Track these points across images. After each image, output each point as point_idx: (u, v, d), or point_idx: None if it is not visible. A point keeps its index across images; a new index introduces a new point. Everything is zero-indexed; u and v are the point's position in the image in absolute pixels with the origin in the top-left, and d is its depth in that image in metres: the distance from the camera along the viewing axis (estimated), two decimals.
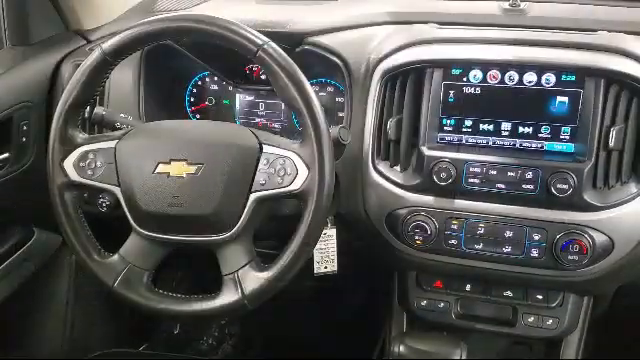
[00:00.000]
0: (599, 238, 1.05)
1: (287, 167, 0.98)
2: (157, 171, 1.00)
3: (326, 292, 1.52)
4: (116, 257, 1.04)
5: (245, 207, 0.99)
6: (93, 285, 1.15)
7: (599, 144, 1.04)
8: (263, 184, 0.99)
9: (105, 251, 1.05)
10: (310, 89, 0.96)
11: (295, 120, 1.36)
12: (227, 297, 0.99)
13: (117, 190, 1.03)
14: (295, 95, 0.96)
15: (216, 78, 1.41)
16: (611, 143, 1.03)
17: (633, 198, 1.03)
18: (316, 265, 1.17)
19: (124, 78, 1.31)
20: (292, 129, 1.36)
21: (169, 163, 1.00)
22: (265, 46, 0.97)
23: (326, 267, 1.18)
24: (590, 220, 1.05)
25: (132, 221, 1.03)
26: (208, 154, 1.00)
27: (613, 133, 1.03)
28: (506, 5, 1.23)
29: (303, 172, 0.97)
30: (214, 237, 1.00)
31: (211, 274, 1.02)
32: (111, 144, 1.04)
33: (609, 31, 1.10)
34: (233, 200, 0.99)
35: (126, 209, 1.03)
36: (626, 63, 1.03)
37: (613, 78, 1.03)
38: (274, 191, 0.98)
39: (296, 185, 0.97)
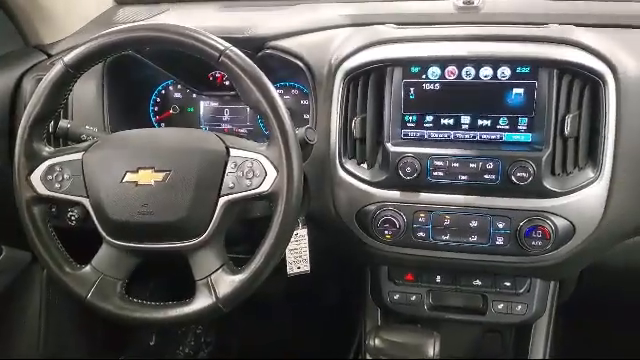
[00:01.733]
0: (560, 223, 1.08)
1: (255, 169, 0.99)
2: (125, 180, 1.00)
3: (301, 292, 1.54)
4: (88, 268, 1.03)
5: (215, 211, 1.00)
6: (66, 299, 1.14)
7: (555, 132, 1.08)
8: (232, 187, 1.00)
9: (77, 263, 1.05)
10: (274, 91, 0.98)
11: (261, 124, 1.37)
12: (201, 302, 0.99)
13: (86, 201, 1.03)
14: (259, 98, 0.97)
15: (180, 86, 1.42)
16: (566, 131, 1.07)
17: (590, 183, 1.07)
18: (289, 266, 1.19)
19: (87, 90, 1.30)
20: (258, 133, 1.38)
21: (137, 172, 1.01)
22: (227, 51, 0.98)
23: (299, 267, 1.19)
24: (551, 206, 1.08)
25: (102, 231, 1.03)
26: (175, 161, 1.01)
27: (568, 121, 1.07)
28: (460, 3, 1.27)
29: (271, 173, 0.98)
30: (185, 243, 1.01)
31: (185, 280, 1.03)
32: (77, 156, 1.04)
33: (559, 24, 1.14)
34: (202, 205, 1.00)
35: (96, 220, 1.03)
36: (576, 53, 1.07)
37: (565, 68, 1.07)
38: (243, 194, 1.00)
39: (265, 187, 0.98)
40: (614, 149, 1.06)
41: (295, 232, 1.16)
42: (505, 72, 1.09)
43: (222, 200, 1.00)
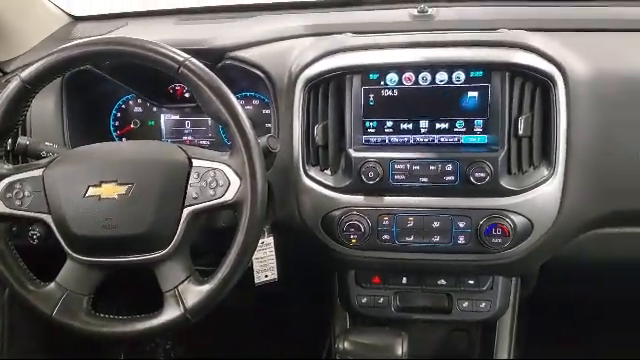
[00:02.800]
0: (519, 220, 1.12)
1: (218, 179, 1.00)
2: (88, 195, 1.00)
3: (269, 301, 1.54)
4: (53, 285, 1.02)
5: (180, 222, 1.00)
6: (29, 319, 1.12)
7: (509, 133, 1.12)
8: (196, 198, 1.00)
9: (41, 281, 1.04)
10: (234, 100, 0.99)
11: (223, 135, 1.38)
12: (169, 313, 0.99)
13: (48, 218, 1.02)
14: (220, 107, 0.98)
15: (140, 100, 1.41)
16: (520, 131, 1.11)
17: (545, 180, 1.11)
18: (256, 275, 1.19)
19: (46, 106, 1.29)
20: (220, 144, 1.38)
21: (99, 186, 1.00)
22: (186, 62, 0.99)
23: (267, 275, 1.20)
24: (509, 204, 1.12)
25: (66, 247, 1.02)
26: (137, 173, 1.01)
27: (521, 122, 1.11)
28: (415, 12, 1.30)
29: (235, 182, 0.99)
30: (151, 255, 1.01)
31: (152, 293, 1.03)
32: (38, 172, 1.03)
33: (509, 29, 1.19)
34: (167, 217, 1.00)
35: (59, 236, 1.02)
36: (527, 56, 1.11)
37: (517, 71, 1.11)
38: (208, 203, 1.00)
39: (229, 196, 0.99)
40: (566, 148, 1.10)
41: (261, 240, 1.17)
42: (460, 76, 1.13)
43: (186, 211, 1.00)
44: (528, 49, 1.12)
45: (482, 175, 1.10)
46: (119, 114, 1.42)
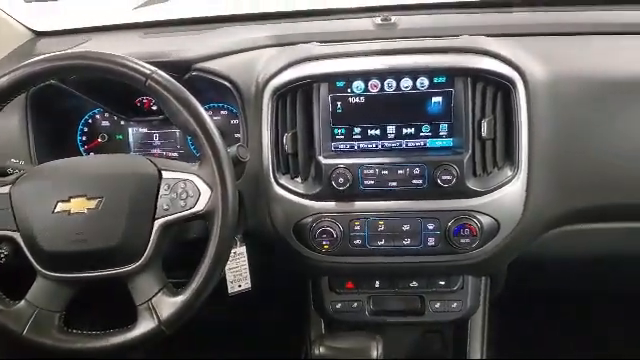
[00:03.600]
0: (485, 220, 1.15)
1: (189, 189, 1.00)
2: (57, 210, 0.99)
3: (244, 309, 1.54)
4: (23, 303, 1.01)
5: (151, 235, 1.00)
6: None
7: (473, 136, 1.15)
8: (166, 209, 1.00)
9: (10, 300, 1.02)
10: (202, 110, 1.00)
11: (192, 146, 1.38)
12: (144, 326, 0.99)
13: (16, 235, 1.01)
14: (188, 118, 0.99)
15: (107, 114, 1.41)
16: (484, 134, 1.14)
17: (509, 181, 1.14)
18: (230, 285, 1.19)
19: (11, 123, 1.27)
20: (190, 156, 1.38)
21: (68, 200, 0.99)
22: (153, 75, 0.99)
23: (240, 285, 1.20)
24: (475, 205, 1.15)
25: (36, 264, 1.01)
26: (107, 187, 1.01)
27: (484, 125, 1.14)
28: (378, 20, 1.33)
29: (205, 192, 0.99)
30: (123, 269, 1.00)
31: (126, 307, 1.02)
32: (4, 189, 1.02)
33: (470, 35, 1.22)
34: (138, 229, 1.00)
35: (28, 253, 1.01)
36: (487, 61, 1.15)
37: (478, 76, 1.15)
38: (179, 215, 1.00)
39: (200, 206, 0.99)
40: (528, 148, 1.14)
41: (233, 250, 1.18)
42: (424, 82, 1.15)
43: (157, 223, 1.00)
44: (488, 54, 1.15)
45: (448, 177, 1.13)
46: (86, 129, 1.41)
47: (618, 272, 1.41)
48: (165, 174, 1.02)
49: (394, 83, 1.16)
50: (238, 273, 1.19)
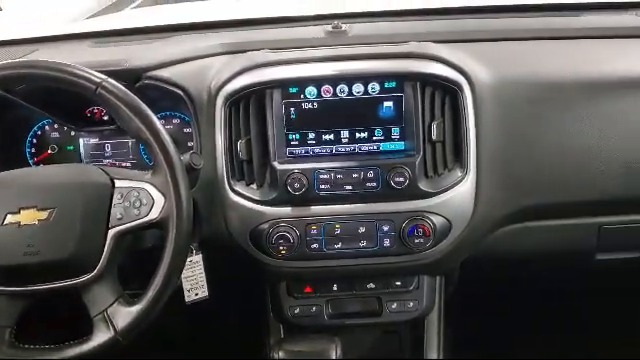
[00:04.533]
0: (438, 220, 1.18)
1: (142, 198, 1.00)
2: (6, 222, 0.97)
3: (203, 317, 1.53)
4: None
5: (105, 244, 0.99)
6: None
7: (424, 139, 1.18)
8: (120, 218, 0.99)
9: None
10: (154, 118, 0.99)
11: (144, 156, 1.36)
12: (100, 337, 0.98)
13: None
14: (140, 126, 0.98)
15: (56, 125, 1.38)
16: (433, 136, 1.17)
17: (460, 181, 1.18)
18: (187, 293, 1.19)
19: None
20: (143, 166, 1.37)
21: (18, 212, 0.97)
22: (104, 83, 0.98)
23: (197, 294, 1.20)
24: (428, 205, 1.17)
25: None
26: (58, 197, 0.99)
27: (434, 128, 1.17)
28: (329, 28, 1.35)
29: (159, 200, 0.99)
30: (77, 280, 0.99)
31: (81, 318, 1.00)
32: None
33: (418, 41, 1.25)
34: (91, 239, 0.99)
35: None
36: (435, 66, 1.18)
37: (427, 80, 1.18)
38: (133, 223, 0.99)
39: (154, 214, 0.99)
40: (476, 149, 1.18)
41: (189, 259, 1.17)
42: (375, 87, 1.18)
43: (111, 232, 0.99)
44: (436, 59, 1.19)
45: (401, 180, 1.15)
46: (35, 140, 1.38)
47: (564, 268, 1.47)
48: (118, 183, 1.01)
49: (346, 88, 1.18)
50: (195, 281, 1.18)
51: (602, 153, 1.20)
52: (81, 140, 1.38)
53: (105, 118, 1.36)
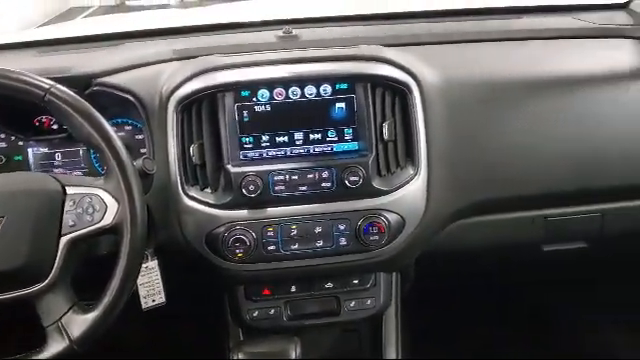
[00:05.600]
0: (392, 218, 1.20)
1: (95, 204, 0.98)
2: None
3: (161, 323, 1.51)
4: None
5: (58, 252, 0.98)
6: None
7: (376, 138, 1.20)
8: (73, 225, 0.98)
9: None
10: (105, 123, 0.99)
11: (96, 164, 1.34)
12: (55, 347, 0.96)
13: None
14: (91, 131, 0.97)
15: (3, 134, 1.34)
16: (385, 136, 1.20)
17: (411, 179, 1.21)
18: (143, 300, 1.17)
19: None
20: (95, 173, 1.34)
21: None
22: (52, 89, 0.97)
23: (154, 300, 1.19)
24: (382, 203, 1.20)
25: None
26: (7, 206, 0.97)
27: (385, 128, 1.20)
28: (280, 33, 1.37)
29: (112, 206, 0.98)
30: (29, 290, 0.97)
31: (34, 329, 0.98)
32: None
33: (368, 45, 1.28)
34: (43, 248, 0.97)
35: None
36: (385, 68, 1.21)
37: (377, 81, 1.21)
38: (86, 230, 0.98)
39: (107, 220, 0.98)
40: (426, 148, 1.21)
41: (145, 265, 1.16)
42: (327, 89, 1.20)
43: (64, 240, 0.98)
44: (386, 62, 1.22)
45: (355, 179, 1.17)
46: None
47: (515, 260, 1.52)
48: (69, 190, 1.00)
49: (299, 91, 1.19)
50: (151, 288, 1.17)
51: (546, 148, 1.26)
52: (30, 150, 1.35)
53: (54, 127, 1.34)
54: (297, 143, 1.21)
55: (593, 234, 1.38)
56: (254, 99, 1.19)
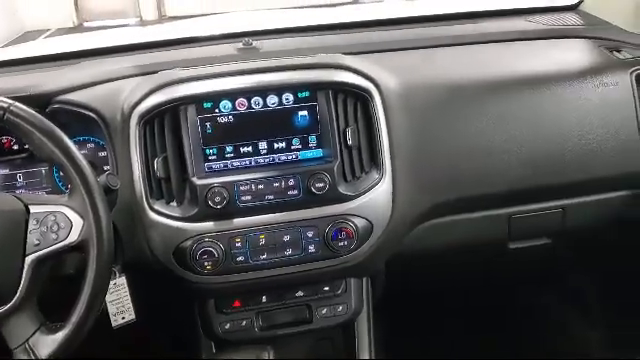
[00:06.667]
0: (360, 222, 1.21)
1: (60, 221, 0.97)
2: None
3: (132, 341, 1.49)
4: None
5: (23, 272, 0.96)
6: None
7: (340, 145, 1.21)
8: (37, 244, 0.96)
9: None
10: (67, 139, 0.98)
11: (60, 183, 1.33)
12: None
13: None
14: (53, 149, 0.96)
15: None
16: (349, 142, 1.21)
17: (377, 183, 1.22)
18: (113, 318, 1.16)
19: None
20: (58, 193, 1.33)
21: None
22: (11, 107, 0.96)
23: (124, 317, 1.17)
24: (349, 208, 1.21)
25: None
26: None
27: (348, 134, 1.22)
28: (240, 45, 1.38)
29: (78, 222, 0.97)
30: None
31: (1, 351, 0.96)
32: None
33: (327, 53, 1.30)
34: (7, 268, 0.95)
35: None
36: (346, 75, 1.23)
37: (338, 88, 1.22)
38: (51, 248, 0.97)
39: (73, 237, 0.97)
40: (390, 152, 1.23)
41: (113, 282, 1.15)
42: (289, 98, 1.21)
43: (29, 259, 0.96)
44: (346, 68, 1.24)
45: (322, 185, 1.18)
46: None
47: (483, 260, 1.54)
48: (33, 208, 0.98)
49: (261, 100, 1.20)
50: (120, 305, 1.16)
51: (506, 147, 1.28)
52: None
53: (15, 147, 1.32)
54: (262, 153, 1.21)
55: (555, 229, 1.42)
56: (216, 110, 1.19)
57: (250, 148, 1.21)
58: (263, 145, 1.21)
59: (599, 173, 1.33)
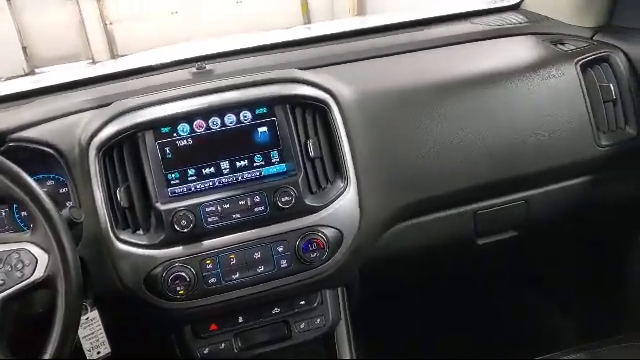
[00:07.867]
0: (329, 232, 1.22)
1: (24, 259, 0.95)
2: None
3: None
4: None
5: None
6: None
7: (303, 157, 1.22)
8: (2, 284, 0.94)
9: None
10: (25, 175, 0.96)
11: (21, 223, 1.30)
12: None
13: None
14: (10, 185, 0.95)
15: None
16: (311, 154, 1.22)
17: (342, 192, 1.23)
18: (88, 353, 1.13)
19: None
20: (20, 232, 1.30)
21: None
22: None
23: (99, 352, 1.15)
24: (318, 219, 1.21)
25: None
26: None
27: (310, 146, 1.23)
28: (194, 69, 1.38)
29: (43, 258, 0.95)
30: None
31: None
32: None
33: (280, 69, 1.31)
34: None
35: None
36: (302, 88, 1.24)
37: (296, 102, 1.23)
38: (17, 287, 0.95)
39: (39, 273, 0.95)
40: (352, 160, 1.24)
41: (85, 316, 1.13)
42: (247, 115, 1.21)
43: None
44: (302, 82, 1.25)
45: (288, 199, 1.18)
46: None
47: (453, 257, 1.56)
48: None
49: (219, 120, 1.20)
50: (95, 339, 1.14)
51: (465, 145, 1.31)
52: None
53: None
54: (224, 172, 1.21)
55: (520, 221, 1.44)
56: (175, 134, 1.19)
57: (212, 169, 1.21)
58: (225, 165, 1.21)
59: (556, 162, 1.37)
